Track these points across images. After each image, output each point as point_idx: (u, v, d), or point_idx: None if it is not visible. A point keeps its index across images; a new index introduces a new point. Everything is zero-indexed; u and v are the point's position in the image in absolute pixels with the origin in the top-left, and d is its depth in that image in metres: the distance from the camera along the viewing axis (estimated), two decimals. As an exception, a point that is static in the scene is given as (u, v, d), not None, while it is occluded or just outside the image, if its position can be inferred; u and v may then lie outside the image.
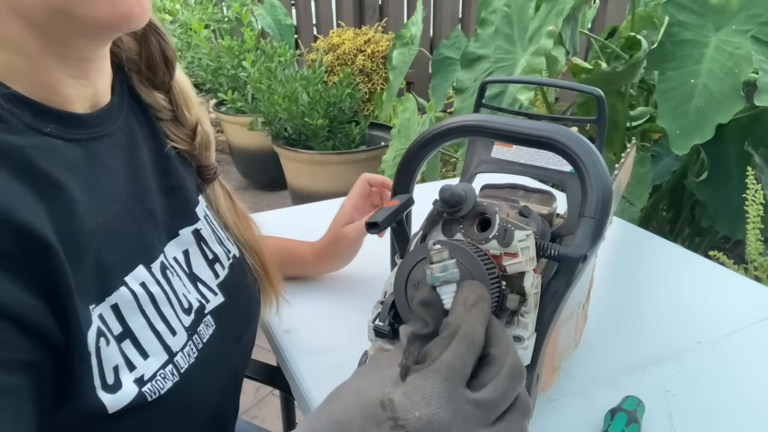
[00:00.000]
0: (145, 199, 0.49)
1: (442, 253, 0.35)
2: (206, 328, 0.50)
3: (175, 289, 0.48)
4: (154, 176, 0.51)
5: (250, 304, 0.59)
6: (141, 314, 0.43)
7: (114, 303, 0.41)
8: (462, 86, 1.66)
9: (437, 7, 3.30)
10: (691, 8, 1.30)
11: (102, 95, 0.47)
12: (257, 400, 1.64)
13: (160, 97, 0.53)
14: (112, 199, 0.45)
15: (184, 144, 0.55)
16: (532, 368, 0.46)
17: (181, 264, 0.51)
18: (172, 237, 0.51)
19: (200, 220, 0.55)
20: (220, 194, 0.60)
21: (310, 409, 0.57)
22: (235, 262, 0.58)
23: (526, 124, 0.50)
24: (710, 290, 0.78)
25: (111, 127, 0.47)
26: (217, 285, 0.54)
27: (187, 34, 3.00)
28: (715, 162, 1.42)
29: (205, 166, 0.58)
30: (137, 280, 0.44)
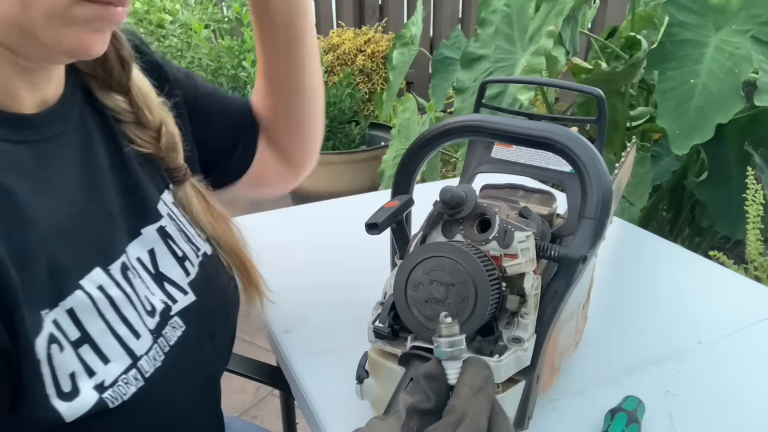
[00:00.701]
0: (102, 200, 0.48)
1: (452, 327, 0.35)
2: (173, 330, 0.49)
3: (137, 291, 0.47)
4: (111, 176, 0.49)
5: (224, 303, 0.58)
6: (100, 318, 0.42)
7: (69, 307, 0.40)
8: (462, 86, 1.66)
9: (437, 7, 3.29)
10: (691, 8, 1.30)
11: (52, 95, 0.46)
12: (257, 400, 1.64)
13: (119, 99, 0.52)
14: (66, 201, 0.43)
15: (149, 147, 0.53)
16: (532, 369, 0.46)
17: (145, 264, 0.50)
18: (135, 236, 0.50)
19: (164, 218, 0.53)
20: (192, 195, 0.58)
21: (310, 409, 0.57)
22: (205, 260, 0.56)
23: (526, 125, 0.50)
24: (710, 290, 0.78)
25: (62, 126, 0.46)
26: (189, 283, 0.53)
27: (187, 34, 3.00)
28: (715, 162, 1.42)
29: (173, 168, 0.56)
30: (94, 283, 0.43)
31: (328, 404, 0.57)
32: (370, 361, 0.49)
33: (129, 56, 0.51)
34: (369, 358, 0.49)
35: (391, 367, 0.47)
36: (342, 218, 0.98)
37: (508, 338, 0.45)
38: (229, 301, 0.59)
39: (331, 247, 0.79)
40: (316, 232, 0.92)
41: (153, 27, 2.94)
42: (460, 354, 0.35)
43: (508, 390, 0.45)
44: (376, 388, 0.49)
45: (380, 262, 0.65)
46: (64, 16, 0.38)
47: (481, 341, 0.44)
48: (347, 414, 0.55)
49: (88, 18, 0.39)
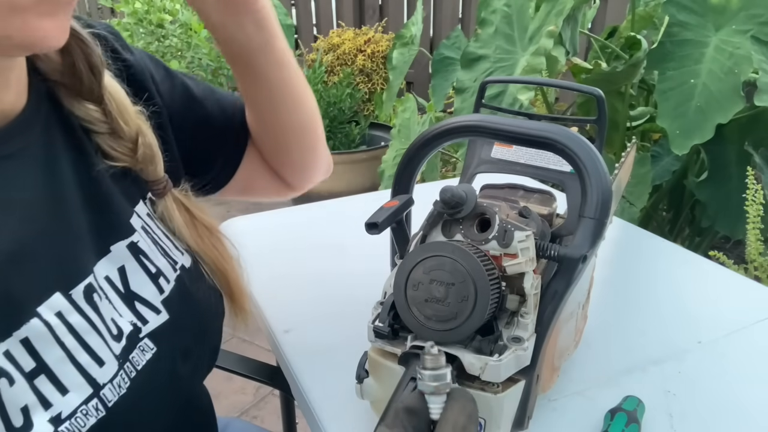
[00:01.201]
0: (67, 218, 0.44)
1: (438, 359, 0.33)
2: (141, 353, 0.46)
3: (102, 314, 0.44)
4: (78, 192, 0.46)
5: (201, 319, 0.55)
6: (58, 346, 0.40)
7: (24, 337, 0.38)
8: (462, 86, 1.66)
9: (437, 7, 3.30)
10: (691, 8, 1.30)
11: (12, 105, 0.42)
12: (257, 400, 1.65)
13: (90, 108, 0.48)
14: (25, 221, 0.41)
15: (125, 159, 0.50)
16: (532, 368, 0.46)
17: (114, 283, 0.47)
18: (103, 254, 0.47)
19: (136, 232, 0.50)
20: (172, 208, 0.54)
21: (310, 409, 0.57)
22: (183, 273, 0.53)
23: (526, 124, 0.50)
24: (710, 290, 0.78)
25: (24, 141, 0.42)
26: (162, 301, 0.50)
27: (187, 34, 3.00)
28: (715, 162, 1.42)
29: (152, 180, 0.53)
30: (52, 310, 0.40)
31: (328, 404, 0.57)
32: (370, 360, 0.49)
33: (99, 62, 0.47)
34: (369, 357, 0.49)
35: (391, 366, 0.47)
36: (342, 218, 0.98)
37: (507, 338, 0.45)
38: (208, 316, 0.56)
39: (331, 247, 0.79)
40: (316, 232, 0.92)
41: (153, 27, 2.94)
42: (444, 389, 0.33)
43: (507, 390, 0.45)
44: (376, 388, 0.49)
45: (380, 261, 0.65)
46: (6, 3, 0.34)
47: (481, 341, 0.44)
48: (347, 414, 0.55)
49: (33, 2, 0.35)
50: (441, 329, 0.43)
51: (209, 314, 0.56)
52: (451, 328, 0.43)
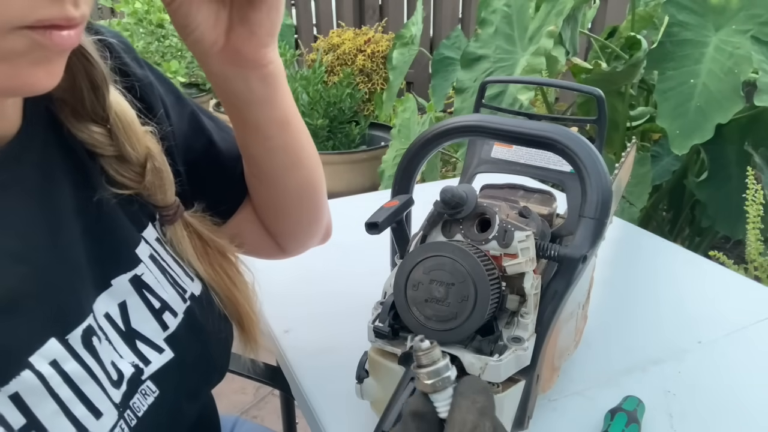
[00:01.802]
0: (66, 250, 0.41)
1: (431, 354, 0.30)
2: (143, 398, 0.43)
3: (101, 359, 0.40)
4: (78, 220, 0.42)
5: (212, 356, 0.51)
6: (52, 399, 0.36)
7: (13, 392, 0.34)
8: (462, 86, 1.66)
9: (437, 7, 3.30)
10: (691, 8, 1.30)
11: (3, 135, 0.39)
12: (257, 400, 1.65)
13: (94, 130, 0.44)
14: (18, 261, 0.37)
15: (133, 184, 0.46)
16: (532, 368, 0.46)
17: (114, 320, 0.43)
18: (104, 288, 0.43)
19: (142, 263, 0.46)
20: (182, 236, 0.50)
21: (310, 409, 0.57)
22: (194, 303, 0.49)
23: (526, 124, 0.50)
24: (710, 290, 0.78)
25: (17, 169, 0.39)
26: (165, 338, 0.46)
27: (187, 34, 2.99)
28: (715, 162, 1.42)
29: (161, 206, 0.49)
30: (47, 359, 0.36)
31: (328, 404, 0.57)
32: (370, 360, 0.49)
33: (102, 80, 0.43)
34: (369, 357, 0.49)
35: (391, 366, 0.47)
36: (342, 218, 0.98)
37: (508, 338, 0.45)
38: (218, 352, 0.52)
39: (331, 247, 0.79)
40: (316, 232, 0.92)
41: (153, 27, 2.94)
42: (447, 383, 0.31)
43: (507, 390, 0.45)
44: (376, 388, 0.49)
45: (380, 261, 0.65)
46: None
47: (481, 341, 0.44)
48: (347, 414, 0.55)
49: (25, 50, 0.32)
50: (441, 329, 0.43)
51: (219, 349, 0.52)
52: (451, 328, 0.43)
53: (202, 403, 0.52)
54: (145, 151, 0.46)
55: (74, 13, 0.32)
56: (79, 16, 0.33)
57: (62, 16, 0.32)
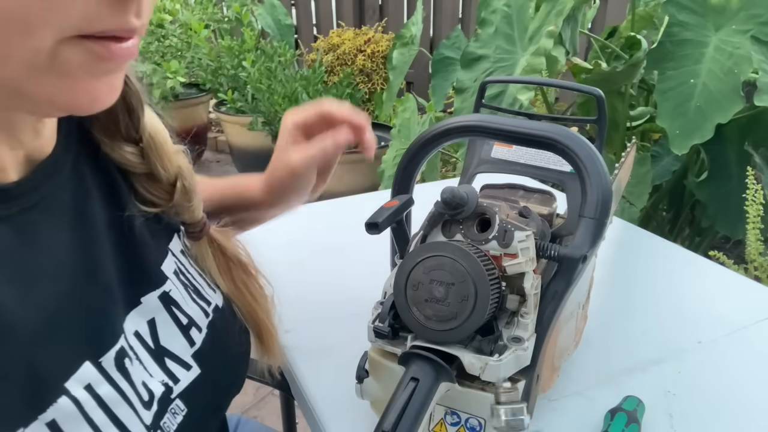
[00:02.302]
0: (98, 270, 0.40)
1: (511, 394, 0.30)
2: (173, 417, 0.42)
3: (133, 381, 0.40)
4: (108, 234, 0.42)
5: (234, 368, 0.51)
6: (87, 424, 0.35)
7: (51, 419, 0.33)
8: (462, 86, 1.66)
9: (437, 7, 3.30)
10: (691, 8, 1.30)
11: (41, 150, 0.38)
12: (257, 400, 1.65)
13: (128, 150, 0.44)
14: (53, 282, 0.36)
15: (162, 202, 0.46)
16: (532, 368, 0.46)
17: (144, 339, 0.43)
18: (133, 306, 0.43)
19: (168, 280, 0.46)
20: (206, 252, 0.51)
21: (310, 409, 0.57)
22: (216, 315, 0.50)
23: (526, 124, 0.50)
24: (710, 290, 0.78)
25: (51, 187, 0.38)
26: (193, 355, 0.46)
27: (187, 34, 3.00)
28: (715, 162, 1.42)
29: (188, 223, 0.49)
30: (81, 383, 0.36)
31: (328, 404, 0.57)
32: (370, 360, 0.49)
33: (138, 102, 0.43)
34: (369, 357, 0.49)
35: (391, 366, 0.47)
36: (342, 218, 0.98)
37: (508, 338, 0.45)
38: (240, 363, 0.52)
39: (331, 247, 0.79)
40: (316, 232, 0.92)
41: (153, 27, 2.94)
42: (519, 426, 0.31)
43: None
44: (376, 388, 0.49)
45: (380, 261, 0.65)
46: (53, 64, 0.29)
47: (481, 341, 0.44)
48: (347, 414, 0.55)
49: (83, 61, 0.30)
50: (441, 329, 0.43)
51: (240, 360, 0.52)
52: (451, 328, 0.43)
53: (222, 416, 0.52)
54: (176, 170, 0.46)
55: (136, 23, 0.30)
56: (140, 26, 0.31)
57: (124, 27, 0.30)
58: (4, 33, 0.27)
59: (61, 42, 0.29)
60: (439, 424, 0.47)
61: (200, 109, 3.40)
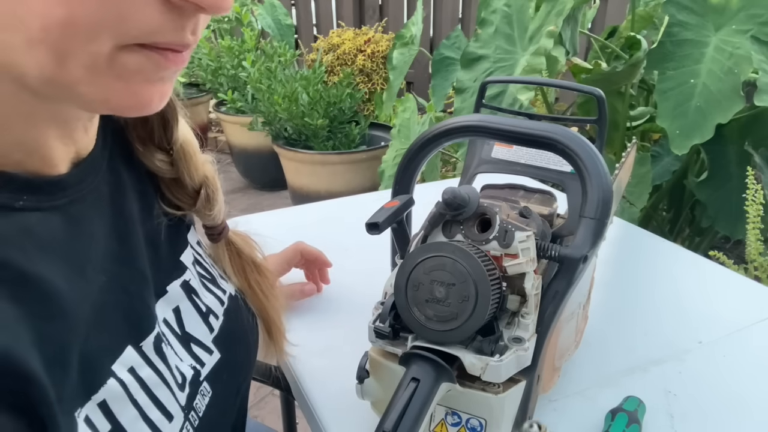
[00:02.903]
0: (135, 259, 0.42)
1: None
2: (202, 398, 0.45)
3: (169, 364, 0.42)
4: (141, 226, 0.44)
5: (248, 350, 0.54)
6: (132, 405, 0.37)
7: (102, 400, 0.35)
8: (462, 86, 1.66)
9: (437, 7, 3.30)
10: (691, 8, 1.30)
11: (84, 149, 0.40)
12: (257, 400, 1.64)
13: (159, 158, 0.46)
14: (98, 271, 0.38)
15: (185, 204, 0.49)
16: (533, 369, 0.46)
17: (171, 326, 0.45)
18: (161, 295, 0.45)
19: (188, 269, 0.49)
20: (223, 253, 0.54)
21: (310, 409, 0.57)
22: (231, 303, 0.52)
23: (526, 125, 0.50)
24: (710, 290, 0.78)
25: (95, 180, 0.40)
26: (213, 340, 0.48)
27: (187, 34, 2.99)
28: (715, 162, 1.42)
29: (208, 226, 0.52)
30: (125, 366, 0.38)
31: (328, 404, 0.57)
32: (370, 360, 0.49)
33: (173, 115, 0.45)
34: (369, 357, 0.49)
35: (391, 366, 0.47)
36: (342, 218, 0.98)
37: (508, 338, 0.45)
38: (253, 346, 0.55)
39: (331, 247, 0.79)
40: (315, 232, 0.92)
41: (153, 27, 2.93)
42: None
43: (508, 390, 0.45)
44: (376, 388, 0.49)
45: (380, 261, 0.65)
46: (111, 67, 0.30)
47: (482, 341, 0.44)
48: (347, 414, 0.55)
49: (140, 67, 0.31)
50: (442, 329, 0.43)
51: (254, 345, 0.55)
52: (451, 329, 0.43)
53: (243, 399, 0.55)
54: (202, 179, 0.49)
55: (191, 39, 0.32)
56: (194, 41, 0.33)
57: (181, 42, 0.32)
58: (68, 36, 0.28)
59: (120, 48, 0.30)
60: (440, 425, 0.47)
61: (200, 109, 3.40)
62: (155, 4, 0.29)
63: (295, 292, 0.72)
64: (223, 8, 0.31)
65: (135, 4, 0.29)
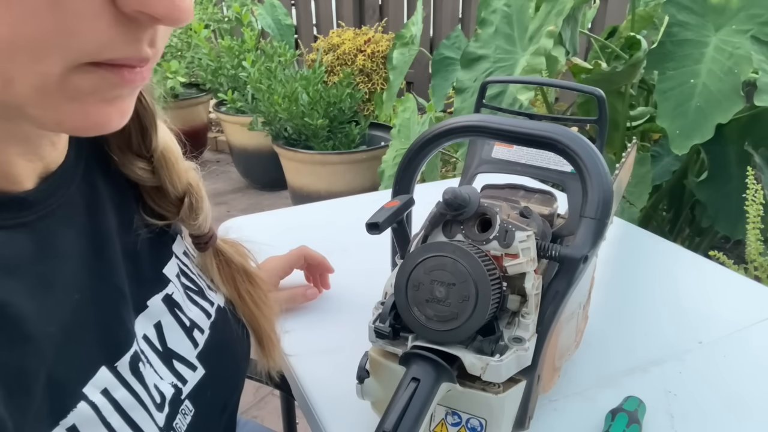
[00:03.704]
0: (112, 274, 0.41)
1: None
2: (183, 417, 0.43)
3: (147, 384, 0.40)
4: (118, 239, 0.43)
5: (236, 364, 0.52)
6: (105, 428, 0.36)
7: (71, 425, 0.34)
8: (462, 86, 1.66)
9: (437, 7, 3.30)
10: (691, 8, 1.30)
11: (54, 163, 0.38)
12: (257, 400, 1.64)
13: (139, 166, 0.44)
14: (69, 290, 0.37)
15: (168, 213, 0.47)
16: (533, 369, 0.46)
17: (152, 342, 0.43)
18: (141, 310, 0.43)
19: (171, 282, 0.47)
20: (211, 263, 0.52)
21: (310, 409, 0.57)
22: (218, 316, 0.51)
23: (526, 124, 0.50)
24: (710, 290, 0.78)
25: (66, 193, 0.39)
26: (197, 356, 0.47)
27: (187, 34, 3.00)
28: (715, 162, 1.42)
29: (194, 235, 0.50)
30: (98, 388, 0.36)
31: (328, 404, 0.57)
32: (371, 360, 0.49)
33: (151, 122, 0.43)
34: (370, 357, 0.49)
35: (392, 366, 0.47)
36: (342, 218, 0.98)
37: (508, 338, 0.45)
38: (241, 359, 0.53)
39: (331, 247, 0.79)
40: (316, 232, 0.92)
41: (153, 27, 2.94)
42: None
43: (508, 390, 0.45)
44: (376, 388, 0.49)
45: (381, 261, 0.65)
46: (63, 89, 0.28)
47: (482, 341, 0.44)
48: (347, 414, 0.55)
49: (95, 87, 0.29)
50: (442, 329, 0.43)
51: (243, 359, 0.53)
52: (452, 329, 0.43)
53: (231, 414, 0.53)
54: (185, 187, 0.47)
55: (149, 52, 0.30)
56: (153, 54, 0.30)
57: (138, 56, 0.29)
58: (12, 56, 0.26)
59: (72, 68, 0.28)
60: (440, 425, 0.47)
61: (200, 109, 3.40)
62: (106, 17, 0.27)
63: (297, 296, 0.72)
64: (182, 19, 0.28)
65: (84, 17, 0.26)
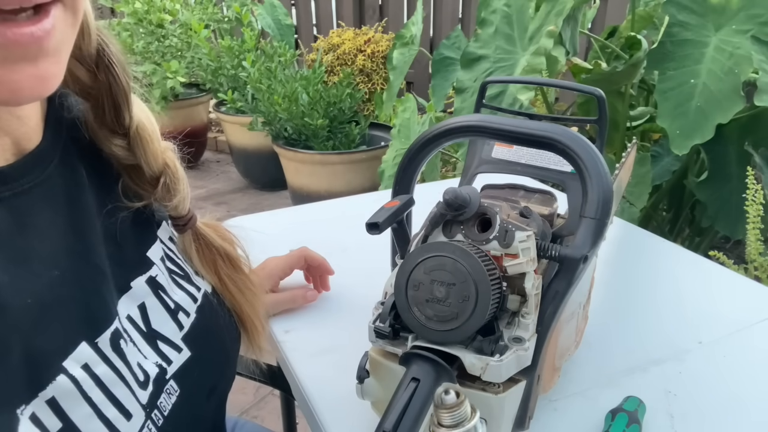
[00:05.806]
0: (92, 254, 0.41)
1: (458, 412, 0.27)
2: (168, 397, 0.44)
3: (128, 361, 0.41)
4: (99, 219, 0.43)
5: (224, 349, 0.53)
6: (86, 402, 0.36)
7: (50, 397, 0.34)
8: (462, 86, 1.66)
9: (437, 7, 3.29)
10: (691, 8, 1.30)
11: (28, 139, 0.39)
12: (257, 400, 1.64)
13: (115, 143, 0.44)
14: (47, 267, 0.37)
15: (145, 193, 0.47)
16: (533, 369, 0.46)
17: (136, 322, 0.44)
18: (124, 291, 0.44)
19: (155, 265, 0.47)
20: (191, 245, 0.52)
21: (310, 409, 0.57)
22: (205, 301, 0.51)
23: (526, 124, 0.50)
24: (710, 290, 0.78)
25: (44, 172, 0.39)
26: (182, 338, 0.47)
27: (187, 34, 3.00)
28: (715, 162, 1.42)
29: (173, 216, 0.50)
30: (79, 363, 0.37)
31: (328, 404, 0.57)
32: (370, 360, 0.49)
33: (124, 98, 0.43)
34: (370, 357, 0.49)
35: (392, 366, 0.47)
36: (342, 218, 0.98)
37: (508, 338, 0.45)
38: (230, 344, 0.54)
39: (331, 247, 0.79)
40: (316, 232, 0.92)
41: (153, 27, 2.94)
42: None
43: (508, 390, 0.45)
44: (376, 388, 0.49)
45: (381, 261, 0.65)
46: None
47: (482, 341, 0.44)
48: (347, 414, 0.55)
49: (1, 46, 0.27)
50: (442, 329, 0.43)
51: (232, 343, 0.54)
52: (452, 329, 0.43)
53: (220, 399, 0.53)
54: (162, 166, 0.47)
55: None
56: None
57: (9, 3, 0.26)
58: None
59: None
60: (440, 425, 0.47)
61: (200, 109, 3.40)
62: None
63: (297, 297, 0.72)
64: None
65: None
